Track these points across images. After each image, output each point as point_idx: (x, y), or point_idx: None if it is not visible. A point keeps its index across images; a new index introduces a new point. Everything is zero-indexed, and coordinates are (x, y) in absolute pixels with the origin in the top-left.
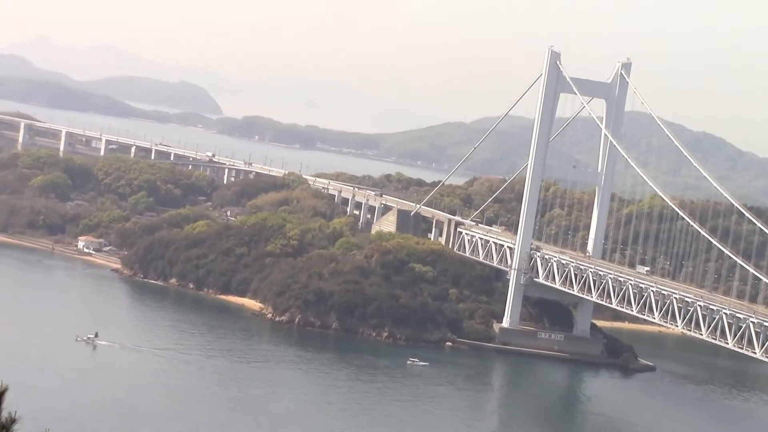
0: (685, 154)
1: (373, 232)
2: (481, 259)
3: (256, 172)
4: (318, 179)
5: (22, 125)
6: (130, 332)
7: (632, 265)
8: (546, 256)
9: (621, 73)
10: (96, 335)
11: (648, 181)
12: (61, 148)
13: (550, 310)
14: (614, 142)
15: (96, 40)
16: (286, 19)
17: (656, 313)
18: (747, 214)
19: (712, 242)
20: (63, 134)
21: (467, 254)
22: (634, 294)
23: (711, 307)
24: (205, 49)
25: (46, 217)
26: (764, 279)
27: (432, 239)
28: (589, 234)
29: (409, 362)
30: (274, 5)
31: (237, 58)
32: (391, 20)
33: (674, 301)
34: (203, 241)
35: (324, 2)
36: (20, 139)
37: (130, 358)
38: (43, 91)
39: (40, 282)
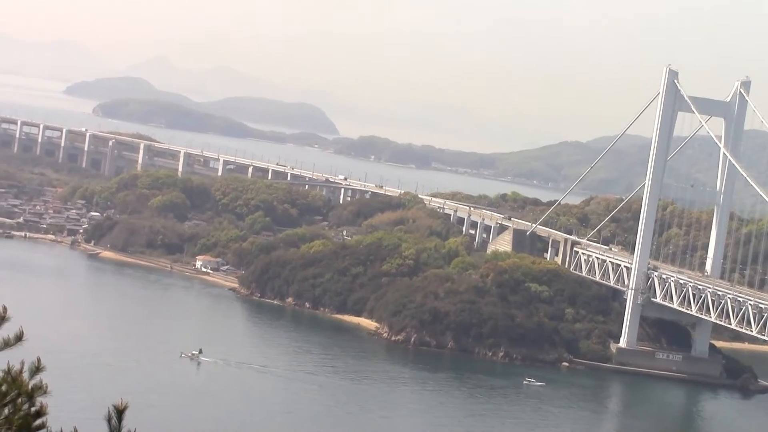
0: None
1: (488, 251)
2: (597, 278)
3: (372, 192)
4: (434, 199)
5: (141, 146)
6: (240, 350)
7: (751, 285)
8: (663, 276)
9: (740, 92)
10: (200, 351)
11: None
12: (180, 168)
13: (667, 330)
14: (733, 161)
15: (214, 61)
16: (404, 42)
17: None
18: None
19: None
20: (181, 155)
21: (584, 274)
22: (754, 314)
23: None
24: (323, 70)
25: (164, 236)
26: None
27: (548, 259)
28: (707, 254)
29: (525, 382)
30: (394, 30)
31: (354, 79)
32: (507, 43)
33: None
34: (319, 261)
35: (443, 25)
36: (140, 160)
37: (236, 376)
38: (162, 113)
39: (159, 300)
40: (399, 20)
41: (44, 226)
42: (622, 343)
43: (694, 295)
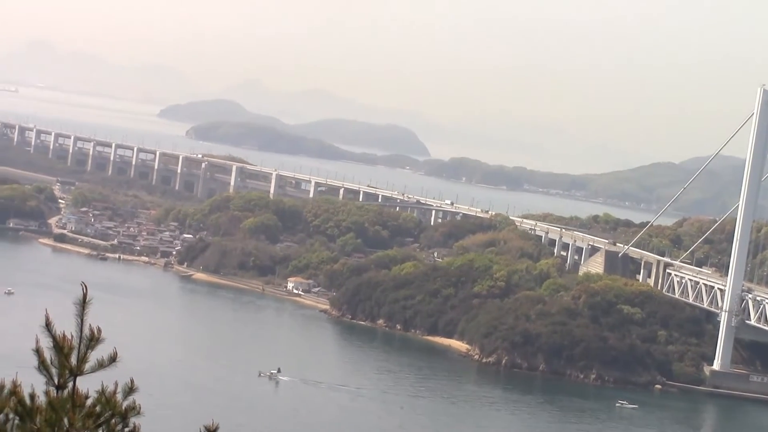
0: None
1: (580, 273)
2: (690, 300)
3: (463, 214)
4: (525, 220)
5: (234, 168)
6: (329, 371)
7: None
8: (758, 298)
9: None
10: (278, 371)
11: None
12: (272, 190)
13: (762, 352)
14: None
15: (306, 84)
16: (493, 64)
17: None
18: None
19: None
20: (273, 177)
21: (676, 296)
22: None
23: None
24: (415, 93)
25: (256, 258)
26: None
27: (640, 281)
28: None
29: (617, 405)
30: (483, 50)
31: (445, 101)
32: (597, 65)
33: None
34: (410, 282)
35: (530, 47)
36: (232, 182)
37: (322, 397)
38: (254, 135)
39: (251, 322)
40: (491, 46)
41: (138, 248)
42: (716, 365)
43: None
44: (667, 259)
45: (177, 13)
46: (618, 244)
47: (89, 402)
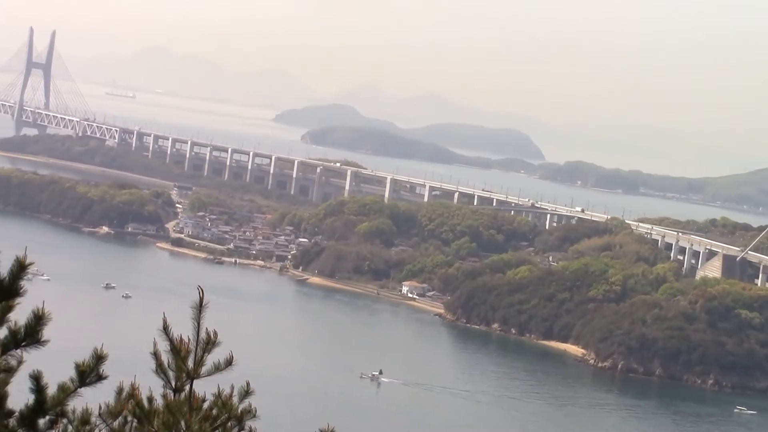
0: None
1: (697, 277)
2: None
3: (578, 218)
4: (641, 224)
5: (348, 173)
6: (443, 374)
7: None
8: None
9: None
10: (380, 372)
11: None
12: (386, 194)
13: None
14: None
15: (421, 89)
16: (612, 68)
17: None
18: None
19: None
20: (388, 181)
21: None
22: None
23: None
24: (530, 96)
25: (371, 262)
26: None
27: (759, 285)
28: None
29: (735, 410)
30: (602, 56)
31: (560, 105)
32: (720, 63)
33: None
34: (525, 287)
35: (647, 49)
36: (347, 186)
37: (428, 399)
38: (369, 139)
39: (365, 325)
40: (606, 46)
41: (253, 252)
42: None
43: None
44: None
45: (295, 19)
46: (736, 248)
47: (206, 405)
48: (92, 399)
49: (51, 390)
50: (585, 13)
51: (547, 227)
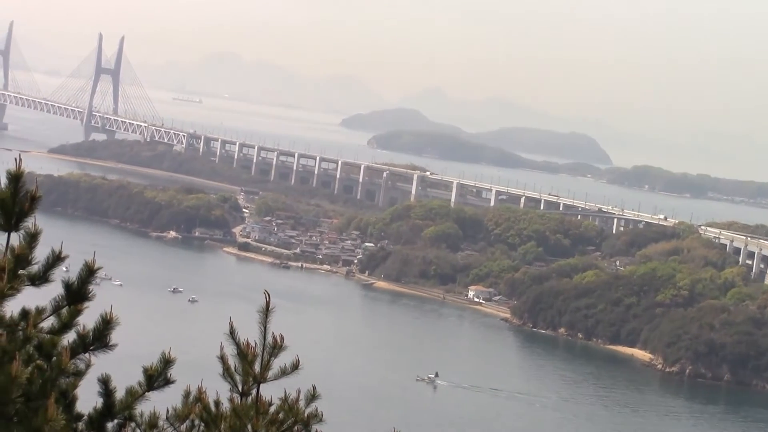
0: None
1: (766, 282)
2: None
3: (646, 222)
4: (709, 228)
5: (415, 177)
6: (508, 378)
7: None
8: None
9: None
10: (436, 375)
11: None
12: (453, 199)
13: None
14: None
15: (488, 92)
16: (680, 71)
17: None
18: None
19: None
20: (454, 185)
21: None
22: None
23: None
24: (597, 100)
25: (437, 266)
26: None
27: None
28: None
29: None
30: (667, 57)
31: (628, 108)
32: None
33: None
34: (592, 291)
35: (717, 53)
36: (413, 191)
37: (490, 404)
38: (435, 144)
39: (431, 330)
40: (674, 50)
41: (320, 256)
42: None
43: None
44: None
45: (360, 23)
46: None
47: (272, 409)
48: (160, 402)
49: (119, 393)
50: (654, 16)
51: (614, 231)
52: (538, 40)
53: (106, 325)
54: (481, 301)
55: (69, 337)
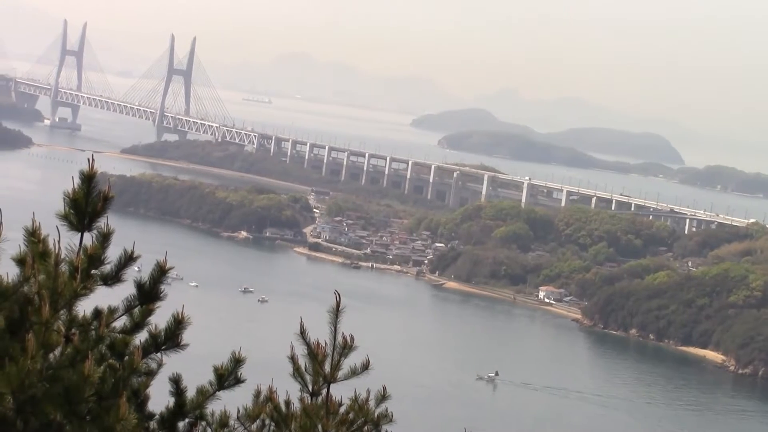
0: None
1: None
2: None
3: (719, 222)
4: None
5: (485, 177)
6: (579, 378)
7: None
8: None
9: None
10: (496, 374)
11: None
12: (523, 199)
13: None
14: None
15: (561, 92)
16: (753, 70)
17: None
18: None
19: None
20: (525, 186)
21: None
22: None
23: None
24: (669, 99)
25: (507, 267)
26: None
27: None
28: None
29: None
30: (742, 53)
31: (701, 108)
32: None
33: None
34: (664, 292)
35: None
36: (484, 191)
37: (560, 404)
38: (505, 144)
39: (502, 330)
40: (748, 50)
41: (390, 256)
42: None
43: None
44: None
45: (433, 24)
46: None
47: (342, 409)
48: (230, 402)
49: (190, 393)
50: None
51: (686, 232)
52: (610, 41)
53: (177, 324)
54: (551, 301)
55: (141, 337)
